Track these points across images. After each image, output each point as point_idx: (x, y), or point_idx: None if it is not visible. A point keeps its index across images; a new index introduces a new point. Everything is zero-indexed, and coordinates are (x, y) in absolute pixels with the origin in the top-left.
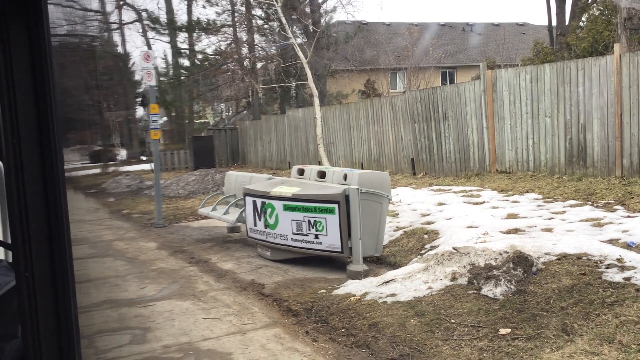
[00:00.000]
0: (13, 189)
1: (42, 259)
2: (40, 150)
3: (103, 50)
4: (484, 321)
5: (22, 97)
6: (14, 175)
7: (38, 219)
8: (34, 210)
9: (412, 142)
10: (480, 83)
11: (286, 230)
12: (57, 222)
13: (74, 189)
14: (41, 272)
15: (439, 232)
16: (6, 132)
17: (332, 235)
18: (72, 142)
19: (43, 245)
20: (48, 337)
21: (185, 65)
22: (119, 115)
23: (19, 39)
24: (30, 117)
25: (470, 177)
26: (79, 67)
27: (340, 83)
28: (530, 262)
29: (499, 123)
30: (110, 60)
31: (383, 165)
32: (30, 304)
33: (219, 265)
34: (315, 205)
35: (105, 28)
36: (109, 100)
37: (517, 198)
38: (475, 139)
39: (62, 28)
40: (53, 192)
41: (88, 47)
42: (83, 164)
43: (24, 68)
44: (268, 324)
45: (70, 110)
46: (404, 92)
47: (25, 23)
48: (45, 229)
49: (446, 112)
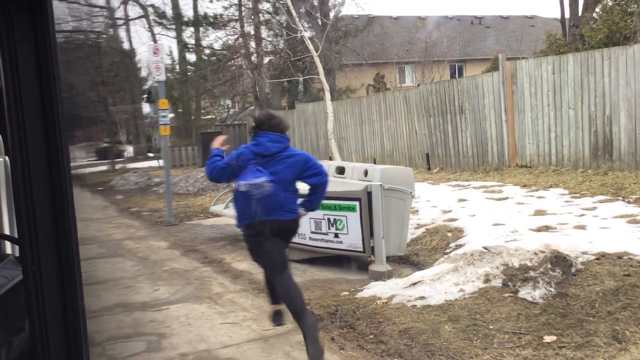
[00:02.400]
0: (19, 182)
1: (49, 252)
2: (46, 144)
3: (109, 46)
4: (526, 327)
5: (28, 91)
6: (20, 169)
7: (44, 213)
8: (40, 204)
9: (426, 136)
10: (499, 75)
11: (304, 228)
12: (63, 215)
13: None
14: (48, 266)
15: (464, 230)
16: (12, 126)
17: (354, 234)
18: (78, 139)
19: (49, 239)
20: (55, 330)
21: (192, 60)
22: (125, 112)
23: (24, 34)
24: (35, 110)
25: (488, 172)
26: (84, 63)
27: (349, 77)
28: (568, 263)
29: (519, 116)
30: (116, 56)
31: (396, 160)
32: (38, 297)
33: (233, 266)
34: (335, 203)
35: (111, 24)
36: (115, 96)
37: (543, 193)
38: (493, 132)
39: (67, 24)
40: (59, 186)
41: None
42: (90, 160)
43: (29, 62)
44: (291, 329)
45: (77, 107)
46: (418, 85)
47: (31, 18)
48: (51, 222)
49: (463, 105)
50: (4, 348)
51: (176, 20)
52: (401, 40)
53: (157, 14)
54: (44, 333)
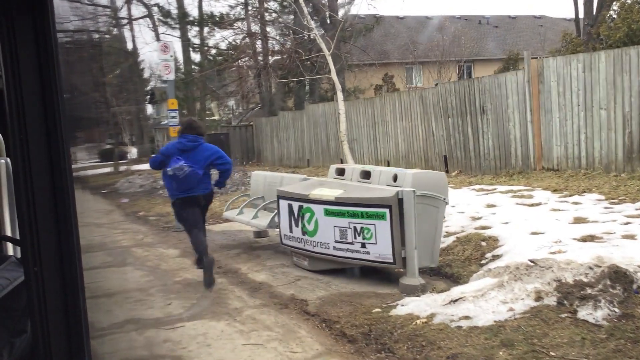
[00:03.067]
0: (21, 184)
1: (51, 254)
2: (47, 145)
3: (112, 46)
4: (594, 355)
5: (29, 93)
6: (22, 170)
7: (46, 214)
8: (41, 205)
9: (444, 137)
10: (524, 73)
11: (327, 237)
12: (65, 217)
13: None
14: (49, 267)
15: (498, 239)
16: (13, 128)
17: (383, 244)
18: (81, 140)
19: (51, 240)
20: (57, 332)
21: (197, 60)
22: (128, 113)
23: (25, 35)
24: (37, 112)
25: (512, 175)
26: (87, 64)
27: (359, 77)
28: (629, 279)
29: (546, 116)
30: (119, 56)
31: (412, 163)
32: (39, 298)
33: (250, 277)
34: (362, 210)
35: (114, 24)
36: (119, 97)
37: (578, 199)
38: (517, 133)
39: (69, 24)
40: (60, 187)
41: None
42: (93, 162)
43: (30, 64)
44: (321, 352)
45: (79, 108)
46: (435, 85)
47: (32, 20)
48: (53, 224)
49: (484, 105)
50: (6, 350)
51: (181, 19)
52: (408, 40)
53: (162, 13)
54: (45, 334)
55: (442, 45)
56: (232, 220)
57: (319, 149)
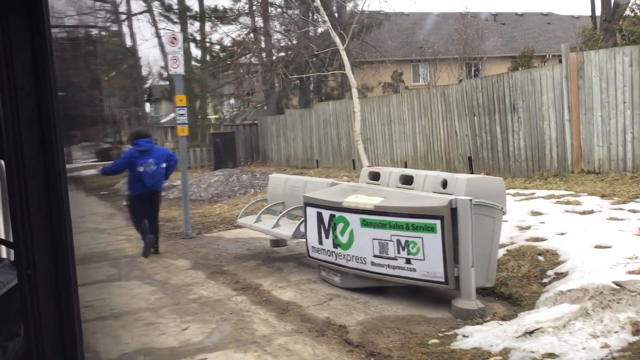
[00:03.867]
0: (14, 186)
1: (44, 256)
2: (41, 147)
3: (110, 42)
4: None
5: (23, 94)
6: (15, 172)
7: (39, 217)
8: (35, 207)
9: (469, 137)
10: (561, 68)
11: (364, 251)
12: (59, 219)
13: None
14: (43, 270)
15: (558, 253)
16: (7, 129)
17: (432, 261)
18: (78, 140)
19: (45, 243)
20: (50, 335)
21: (199, 57)
22: (127, 111)
23: (20, 35)
24: (31, 113)
25: (547, 178)
26: (84, 61)
27: (368, 74)
28: None
29: (586, 115)
30: (118, 53)
31: (432, 164)
32: (33, 301)
33: (275, 294)
34: (408, 221)
35: (113, 19)
36: (116, 95)
37: (634, 206)
38: (552, 133)
39: (66, 19)
40: (55, 190)
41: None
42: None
43: (25, 65)
44: None
45: (76, 106)
46: (460, 81)
47: (27, 20)
48: (47, 226)
49: (515, 102)
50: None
51: (182, 13)
52: (415, 37)
53: (164, 7)
54: (39, 338)
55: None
56: (244, 227)
57: (329, 149)
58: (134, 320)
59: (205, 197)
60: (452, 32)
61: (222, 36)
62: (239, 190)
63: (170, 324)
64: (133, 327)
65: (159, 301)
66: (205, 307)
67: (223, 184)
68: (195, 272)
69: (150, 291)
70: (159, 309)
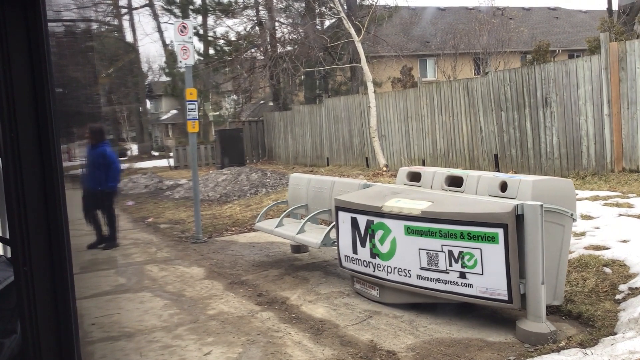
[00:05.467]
0: (11, 183)
1: (41, 253)
2: (38, 144)
3: (110, 37)
4: None
5: (20, 91)
6: (12, 169)
7: (36, 213)
8: (31, 205)
9: (495, 133)
10: (599, 59)
11: (409, 263)
12: (55, 216)
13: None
14: (40, 266)
15: (627, 264)
16: (4, 126)
17: (492, 275)
18: (77, 137)
19: (41, 240)
20: (47, 332)
21: (202, 51)
22: (128, 108)
23: (16, 32)
24: (28, 110)
25: (584, 178)
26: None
27: (378, 69)
28: None
29: (629, 109)
30: (118, 48)
31: (453, 162)
32: (29, 298)
33: (304, 310)
34: (462, 230)
35: (114, 14)
36: (118, 91)
37: None
38: (590, 129)
39: (65, 14)
40: (51, 186)
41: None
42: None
43: (21, 62)
44: None
45: (74, 103)
46: (486, 74)
47: (23, 13)
48: (43, 223)
49: (547, 96)
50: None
51: (185, 7)
52: (421, 31)
53: (165, 0)
54: (35, 335)
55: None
56: (263, 232)
57: (339, 146)
58: (148, 342)
59: (214, 197)
60: (460, 27)
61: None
62: (250, 190)
63: (189, 347)
64: (147, 350)
65: (174, 318)
66: (227, 326)
67: (232, 183)
68: (211, 283)
69: (163, 305)
70: (175, 327)
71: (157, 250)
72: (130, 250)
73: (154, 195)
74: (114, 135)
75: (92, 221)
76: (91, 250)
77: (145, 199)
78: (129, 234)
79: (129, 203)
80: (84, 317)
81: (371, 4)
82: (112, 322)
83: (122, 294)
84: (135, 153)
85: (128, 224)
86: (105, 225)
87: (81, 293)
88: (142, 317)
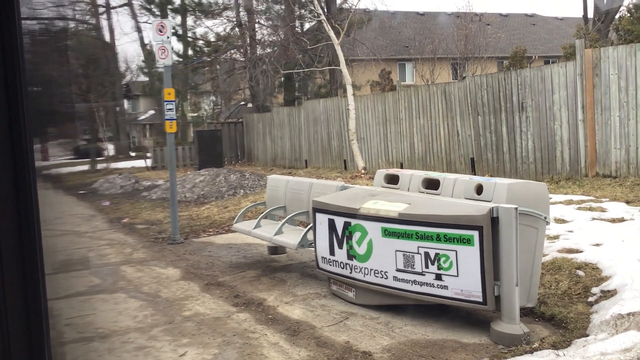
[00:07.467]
0: None
1: (11, 253)
2: (10, 142)
3: (88, 36)
4: None
5: None
6: None
7: (6, 212)
8: (2, 203)
9: (472, 137)
10: (574, 65)
11: (385, 264)
12: (27, 215)
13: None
14: (10, 266)
15: (599, 267)
16: None
17: (467, 277)
18: (53, 136)
19: (12, 239)
20: (17, 333)
21: (181, 52)
22: (104, 107)
23: None
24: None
25: (558, 182)
26: (60, 55)
27: (356, 73)
28: None
29: (603, 115)
30: (95, 47)
31: (430, 165)
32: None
33: (281, 311)
34: (439, 232)
35: (92, 12)
36: (93, 90)
37: None
38: (564, 134)
39: (40, 12)
40: (23, 185)
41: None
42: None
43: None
44: None
45: (50, 102)
46: (464, 78)
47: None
48: (14, 222)
49: (523, 101)
50: None
51: (164, 6)
52: (402, 36)
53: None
54: (5, 334)
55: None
56: (240, 233)
57: (318, 149)
58: (123, 343)
59: (191, 198)
60: (439, 32)
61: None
62: (228, 191)
63: (164, 349)
64: (122, 352)
65: (149, 319)
66: (203, 327)
67: (209, 184)
68: (187, 284)
69: (139, 306)
70: (150, 328)
71: (133, 251)
72: (106, 250)
73: (130, 195)
74: (90, 134)
75: None
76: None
77: (121, 199)
78: (104, 234)
79: (105, 203)
80: (58, 317)
81: (351, 7)
82: (86, 322)
83: (97, 295)
84: (112, 153)
85: (104, 224)
86: None
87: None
88: (116, 318)
